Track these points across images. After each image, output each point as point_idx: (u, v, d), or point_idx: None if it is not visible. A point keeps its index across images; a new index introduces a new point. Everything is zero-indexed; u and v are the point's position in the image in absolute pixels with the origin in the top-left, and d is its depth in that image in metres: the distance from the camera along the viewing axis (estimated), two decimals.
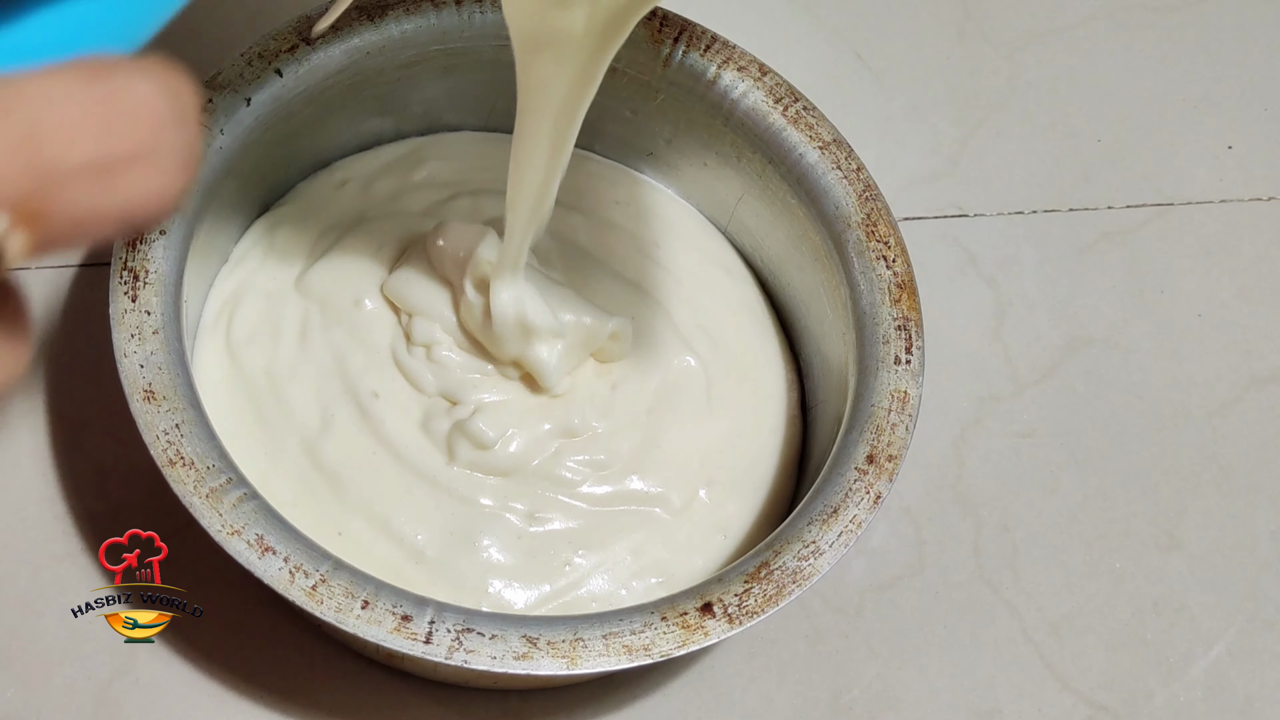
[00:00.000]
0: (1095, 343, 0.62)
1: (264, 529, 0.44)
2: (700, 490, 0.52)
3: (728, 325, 0.56)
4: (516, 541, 0.50)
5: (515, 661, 0.43)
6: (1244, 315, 0.63)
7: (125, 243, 0.47)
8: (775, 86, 0.55)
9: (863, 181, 0.54)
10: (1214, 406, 0.61)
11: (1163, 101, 0.69)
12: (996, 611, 0.55)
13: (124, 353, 0.46)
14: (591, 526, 0.51)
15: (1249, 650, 0.56)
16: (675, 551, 0.51)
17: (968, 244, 0.63)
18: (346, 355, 0.52)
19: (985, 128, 0.67)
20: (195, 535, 0.44)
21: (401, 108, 0.57)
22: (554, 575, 0.50)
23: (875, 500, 0.47)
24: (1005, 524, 0.57)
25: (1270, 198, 0.67)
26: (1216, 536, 0.58)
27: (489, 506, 0.50)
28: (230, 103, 0.51)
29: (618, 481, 0.52)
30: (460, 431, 0.50)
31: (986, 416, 0.59)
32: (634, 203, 0.59)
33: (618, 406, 0.53)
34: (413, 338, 0.52)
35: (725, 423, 0.54)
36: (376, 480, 0.50)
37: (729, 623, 0.44)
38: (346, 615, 0.43)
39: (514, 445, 0.51)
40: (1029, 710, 0.54)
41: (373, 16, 0.53)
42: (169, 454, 0.44)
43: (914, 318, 0.51)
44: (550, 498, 0.51)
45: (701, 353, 0.55)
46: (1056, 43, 0.70)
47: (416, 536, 0.49)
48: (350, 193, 0.56)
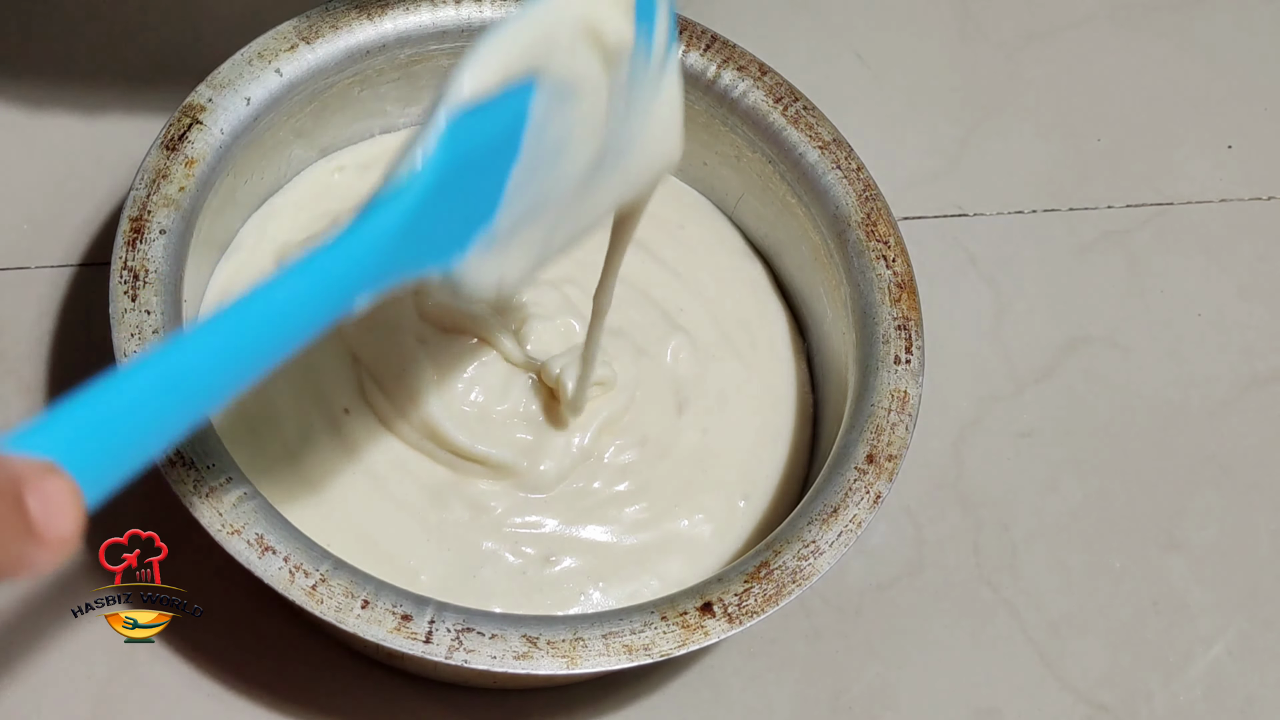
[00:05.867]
0: (1095, 342, 0.62)
1: (264, 528, 0.44)
2: (740, 501, 0.53)
3: (749, 312, 0.56)
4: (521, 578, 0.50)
5: (515, 661, 0.43)
6: (1244, 315, 0.63)
7: (125, 242, 0.48)
8: (775, 86, 0.55)
9: (863, 181, 0.54)
10: (1214, 406, 0.61)
11: (1163, 101, 0.69)
12: (996, 611, 0.55)
13: (124, 353, 0.46)
14: (610, 560, 0.51)
15: (1249, 650, 0.56)
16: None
17: (968, 244, 0.63)
18: (321, 359, 0.51)
19: (985, 127, 0.67)
20: (195, 535, 0.44)
21: (401, 107, 0.57)
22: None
23: (875, 500, 0.47)
24: (1005, 524, 0.57)
25: (1270, 198, 0.67)
26: (1216, 536, 0.58)
27: (490, 548, 0.50)
28: (230, 102, 0.51)
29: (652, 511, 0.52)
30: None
31: (986, 416, 0.59)
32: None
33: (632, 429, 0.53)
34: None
35: (750, 429, 0.54)
36: (362, 500, 0.50)
37: (729, 622, 0.44)
38: (346, 615, 0.43)
39: (545, 465, 0.51)
40: (1029, 710, 0.54)
41: (373, 16, 0.53)
42: (169, 453, 0.44)
43: (914, 317, 0.51)
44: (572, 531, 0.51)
45: (733, 349, 0.55)
46: (1056, 42, 0.70)
47: (408, 561, 0.49)
48: (346, 179, 0.56)
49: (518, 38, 0.37)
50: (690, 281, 0.56)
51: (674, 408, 0.53)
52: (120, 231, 0.48)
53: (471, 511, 0.50)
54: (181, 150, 0.50)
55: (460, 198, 0.38)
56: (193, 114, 0.50)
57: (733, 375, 0.55)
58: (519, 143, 0.39)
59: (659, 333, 0.54)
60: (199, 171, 0.49)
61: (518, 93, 0.38)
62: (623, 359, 0.53)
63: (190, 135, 0.50)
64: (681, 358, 0.54)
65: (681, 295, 0.56)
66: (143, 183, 0.49)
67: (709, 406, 0.54)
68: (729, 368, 0.55)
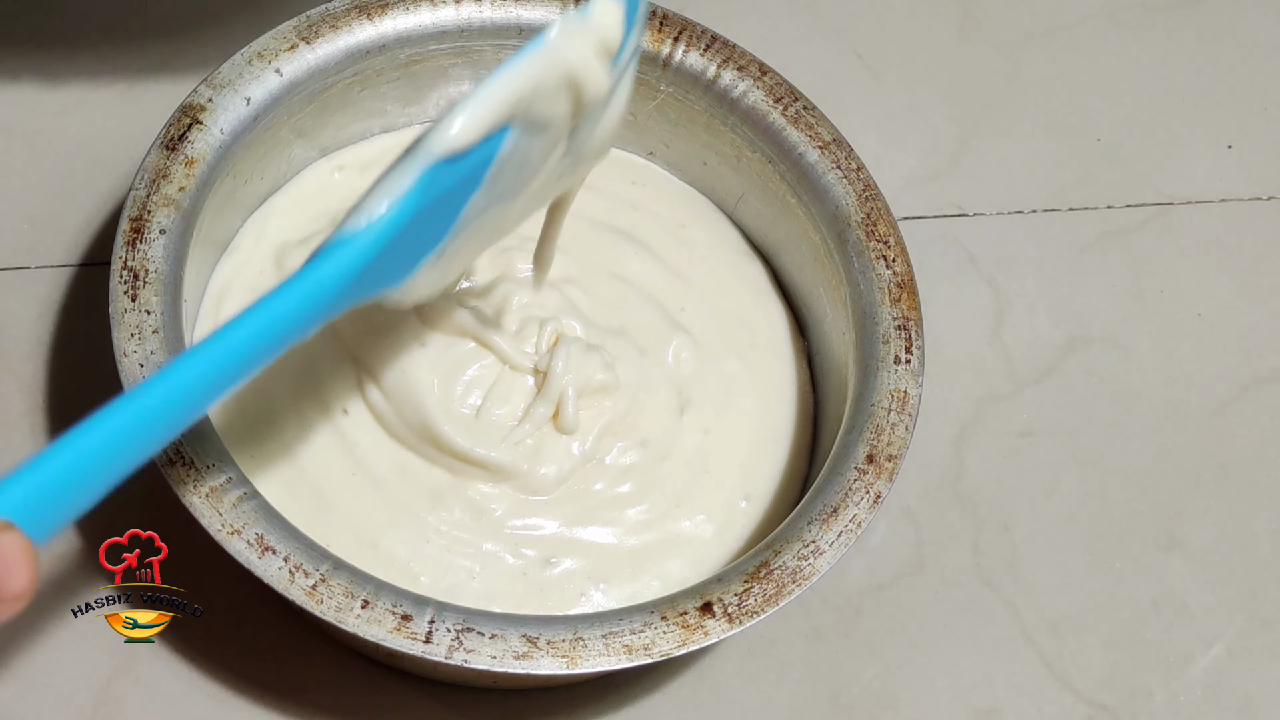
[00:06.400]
0: (1095, 342, 0.62)
1: (264, 528, 0.44)
2: (741, 502, 0.53)
3: (750, 311, 0.56)
4: (522, 578, 0.50)
5: (515, 661, 0.43)
6: (1244, 315, 0.64)
7: (125, 242, 0.48)
8: (775, 86, 0.55)
9: (863, 181, 0.54)
10: (1214, 406, 0.61)
11: (1163, 101, 0.69)
12: (996, 611, 0.55)
13: (124, 352, 0.46)
14: (611, 561, 0.51)
15: (1249, 650, 0.56)
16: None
17: (968, 244, 0.63)
18: (319, 359, 0.51)
19: (985, 127, 0.67)
20: (195, 535, 0.44)
21: (402, 107, 0.57)
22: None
23: (875, 500, 0.47)
24: (1005, 524, 0.57)
25: (1270, 197, 0.67)
26: (1216, 536, 0.58)
27: (490, 550, 0.50)
28: (230, 102, 0.51)
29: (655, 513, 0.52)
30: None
31: (986, 416, 0.59)
32: (650, 184, 0.59)
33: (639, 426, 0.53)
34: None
35: (751, 429, 0.54)
36: (361, 501, 0.50)
37: (729, 622, 0.44)
38: (346, 615, 0.43)
39: (545, 468, 0.51)
40: (1028, 710, 0.54)
41: (372, 16, 0.53)
42: (169, 453, 0.44)
43: (914, 317, 0.51)
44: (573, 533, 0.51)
45: (734, 352, 0.55)
46: (1056, 42, 0.70)
47: (408, 563, 0.49)
48: (346, 179, 0.56)
49: (507, 93, 0.39)
50: (691, 281, 0.56)
51: (676, 408, 0.53)
52: (120, 231, 0.48)
53: (471, 513, 0.50)
54: (181, 150, 0.50)
55: (417, 233, 0.40)
56: (193, 114, 0.50)
57: (734, 375, 0.55)
58: (483, 176, 0.40)
59: (660, 333, 0.54)
60: (199, 171, 0.49)
61: (494, 136, 0.39)
62: (625, 360, 0.53)
63: (190, 135, 0.50)
64: (683, 358, 0.54)
65: (682, 295, 0.56)
66: (143, 183, 0.49)
67: (711, 407, 0.54)
68: (730, 367, 0.55)
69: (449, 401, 0.50)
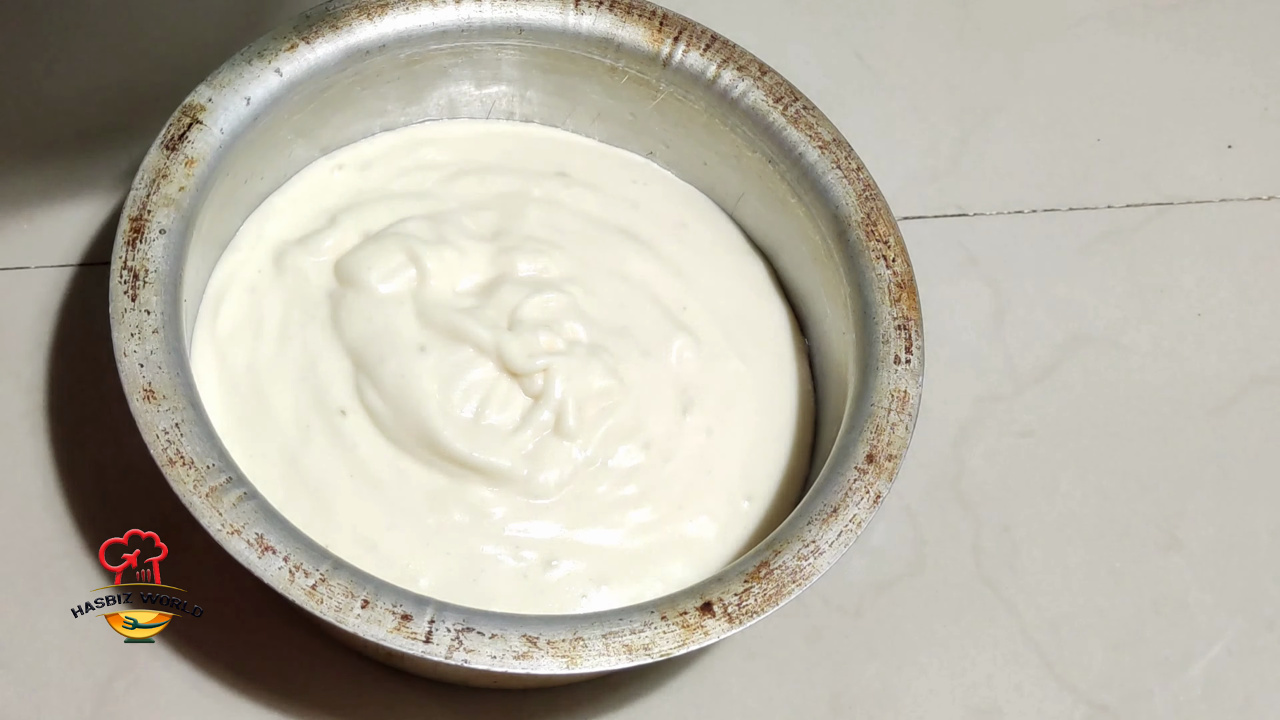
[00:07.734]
0: (1095, 342, 0.62)
1: (264, 528, 0.44)
2: (743, 502, 0.52)
3: (750, 311, 0.56)
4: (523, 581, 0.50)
5: (515, 661, 0.43)
6: (1244, 315, 0.64)
7: (125, 242, 0.48)
8: (775, 86, 0.55)
9: (863, 181, 0.54)
10: (1214, 406, 0.61)
11: (1163, 101, 0.69)
12: (996, 611, 0.55)
13: (124, 352, 0.46)
14: (612, 564, 0.50)
15: (1249, 650, 0.56)
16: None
17: (968, 244, 0.63)
18: (318, 358, 0.51)
19: (985, 127, 0.67)
20: (195, 535, 0.44)
21: (402, 106, 0.57)
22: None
23: (875, 500, 0.47)
24: (1005, 523, 0.57)
25: (1270, 197, 0.67)
26: (1216, 536, 0.58)
27: (491, 552, 0.50)
28: (230, 102, 0.51)
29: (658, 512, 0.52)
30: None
31: (986, 416, 0.59)
32: (650, 183, 0.59)
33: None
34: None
35: (753, 429, 0.54)
36: (361, 503, 0.50)
37: (729, 622, 0.44)
38: (346, 615, 0.43)
39: (547, 474, 0.50)
40: (1029, 709, 0.54)
41: (372, 16, 0.53)
42: (169, 453, 0.44)
43: (914, 317, 0.51)
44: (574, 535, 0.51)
45: (737, 350, 0.55)
46: (1056, 43, 0.70)
47: (408, 565, 0.49)
48: (346, 178, 0.56)
49: None
50: (692, 280, 0.56)
51: (679, 409, 0.53)
52: (120, 231, 0.48)
53: (472, 516, 0.50)
54: (181, 150, 0.50)
55: None
56: (193, 114, 0.50)
57: (736, 374, 0.55)
58: None
59: (663, 332, 0.54)
60: (199, 171, 0.49)
61: None
62: (629, 361, 0.53)
63: (190, 135, 0.50)
64: (686, 357, 0.54)
65: (684, 294, 0.56)
66: (143, 183, 0.49)
67: (713, 407, 0.54)
68: (732, 367, 0.55)
69: (448, 407, 0.50)
